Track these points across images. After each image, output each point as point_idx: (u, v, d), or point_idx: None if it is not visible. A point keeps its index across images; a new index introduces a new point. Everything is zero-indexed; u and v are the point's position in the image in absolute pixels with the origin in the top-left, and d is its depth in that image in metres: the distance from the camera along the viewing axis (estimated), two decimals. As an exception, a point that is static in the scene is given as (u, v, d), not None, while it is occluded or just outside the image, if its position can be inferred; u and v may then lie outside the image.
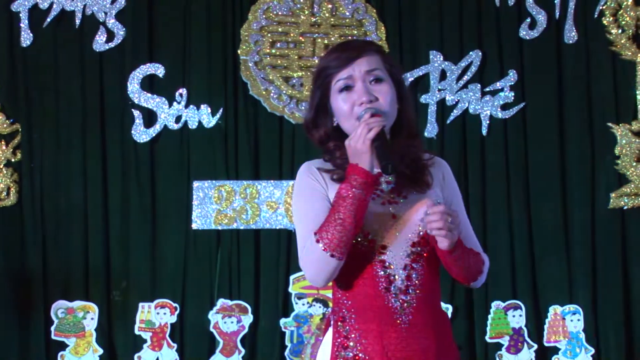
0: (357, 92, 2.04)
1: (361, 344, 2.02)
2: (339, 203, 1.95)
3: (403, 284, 2.02)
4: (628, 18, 5.22)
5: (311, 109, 2.14)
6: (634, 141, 5.17)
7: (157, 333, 5.13)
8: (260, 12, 5.27)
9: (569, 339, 5.12)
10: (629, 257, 5.18)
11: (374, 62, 2.07)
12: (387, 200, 2.06)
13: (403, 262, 2.03)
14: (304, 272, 2.01)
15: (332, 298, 2.11)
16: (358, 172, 1.95)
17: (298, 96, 5.21)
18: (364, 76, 2.04)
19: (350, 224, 1.93)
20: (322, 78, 2.09)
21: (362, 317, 2.03)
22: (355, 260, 2.02)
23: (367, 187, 1.95)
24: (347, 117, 2.04)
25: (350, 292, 2.05)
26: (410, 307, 2.02)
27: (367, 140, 1.94)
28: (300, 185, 2.11)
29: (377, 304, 2.02)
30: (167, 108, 5.22)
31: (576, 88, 5.26)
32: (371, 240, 2.02)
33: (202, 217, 5.18)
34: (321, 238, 1.95)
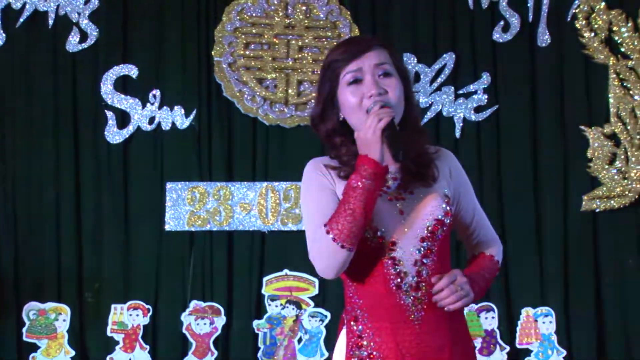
0: (367, 84, 2.04)
1: (375, 342, 2.04)
2: (349, 194, 1.95)
3: (414, 281, 2.03)
4: (600, 22, 5.29)
5: (319, 102, 2.13)
6: (605, 144, 5.23)
7: (130, 335, 5.16)
8: (234, 13, 5.31)
9: (541, 340, 5.18)
10: (600, 259, 5.25)
11: (382, 56, 2.08)
12: (394, 197, 2.08)
13: (413, 258, 2.04)
14: (314, 264, 2.01)
15: (344, 297, 2.12)
16: (368, 162, 1.95)
17: (272, 97, 5.25)
18: (373, 69, 2.05)
19: (361, 214, 1.94)
20: (331, 71, 2.09)
21: (374, 316, 2.05)
22: (366, 258, 2.03)
23: (377, 178, 1.96)
24: (355, 110, 2.05)
25: (362, 291, 2.07)
26: (422, 304, 2.03)
27: (378, 130, 1.95)
28: (309, 181, 2.12)
29: (388, 301, 2.03)
30: (141, 109, 5.25)
31: (549, 91, 5.32)
32: (380, 237, 2.03)
33: (175, 218, 5.21)
34: (331, 229, 1.95)
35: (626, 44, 5.28)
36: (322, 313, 5.18)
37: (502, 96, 5.32)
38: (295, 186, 5.22)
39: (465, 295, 1.98)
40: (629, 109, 5.24)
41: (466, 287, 2.00)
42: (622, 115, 5.24)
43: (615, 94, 5.25)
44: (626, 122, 5.24)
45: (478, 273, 2.11)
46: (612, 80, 5.26)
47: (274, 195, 5.22)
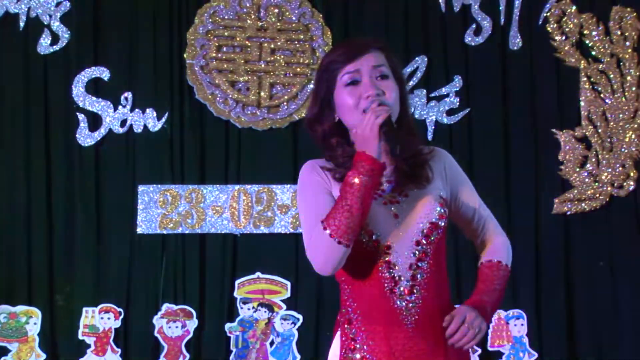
0: (364, 85, 2.07)
1: (368, 346, 2.06)
2: (346, 190, 1.97)
3: (408, 285, 2.06)
4: (572, 25, 5.33)
5: (315, 103, 2.16)
6: (577, 147, 5.27)
7: (101, 338, 5.16)
8: (207, 16, 5.32)
9: (513, 343, 5.21)
10: (571, 262, 5.28)
11: (380, 58, 2.11)
12: (389, 200, 2.10)
13: (408, 261, 2.06)
14: (312, 261, 2.03)
15: (339, 300, 2.14)
16: (365, 159, 1.97)
17: (244, 100, 5.27)
18: (371, 71, 2.08)
19: (358, 211, 1.95)
20: (329, 72, 2.12)
21: (368, 319, 2.07)
22: (361, 261, 2.05)
23: (374, 174, 1.97)
24: (352, 111, 2.07)
25: (356, 294, 2.09)
26: (416, 308, 2.06)
27: (375, 126, 1.97)
28: (305, 181, 2.14)
29: (382, 305, 2.06)
30: (112, 112, 5.26)
31: (521, 94, 5.36)
32: (375, 240, 2.05)
33: (147, 221, 5.21)
34: (329, 225, 1.96)
35: (597, 48, 5.32)
36: (294, 316, 5.19)
37: (474, 99, 5.35)
38: (267, 189, 5.24)
39: (478, 331, 2.00)
40: (600, 112, 5.29)
41: (477, 322, 2.01)
42: (593, 119, 5.29)
43: (586, 97, 5.30)
44: (597, 125, 5.28)
45: (489, 290, 2.16)
46: (583, 83, 5.30)
47: (246, 198, 5.23)
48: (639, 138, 5.28)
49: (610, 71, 5.30)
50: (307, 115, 2.20)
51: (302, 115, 5.32)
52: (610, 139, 5.28)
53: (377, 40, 2.18)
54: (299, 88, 5.30)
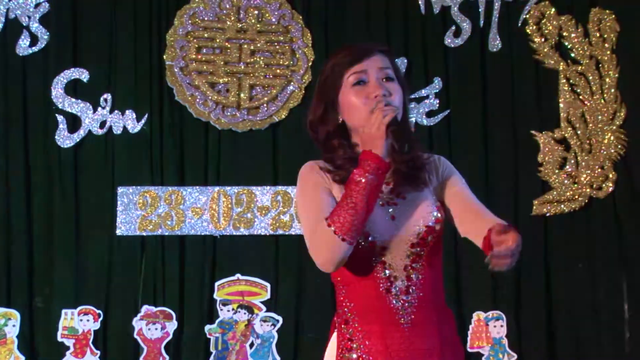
0: (371, 85, 2.10)
1: (365, 345, 2.08)
2: (352, 188, 1.99)
3: (404, 284, 2.09)
4: (551, 27, 5.37)
5: (319, 104, 2.19)
6: (556, 149, 5.31)
7: (80, 340, 5.17)
8: (186, 17, 5.34)
9: (492, 344, 5.23)
10: (551, 263, 5.32)
11: (385, 61, 2.15)
12: (386, 202, 2.13)
13: (403, 262, 2.09)
14: (314, 258, 2.05)
15: (335, 300, 2.18)
16: (371, 157, 2.00)
17: (224, 102, 5.28)
18: (377, 72, 2.12)
19: (363, 209, 1.97)
20: (334, 73, 2.15)
21: (364, 319, 2.09)
22: (356, 262, 2.07)
23: (379, 173, 1.99)
24: (358, 111, 2.10)
25: (352, 294, 2.12)
26: (412, 307, 2.08)
27: (383, 125, 2.00)
28: (306, 180, 2.16)
29: (378, 305, 2.08)
30: (92, 113, 5.27)
31: (500, 96, 5.39)
32: (371, 242, 2.07)
33: (127, 223, 5.23)
34: (333, 222, 1.98)
35: (576, 50, 5.36)
36: (274, 317, 5.21)
37: (454, 101, 5.38)
38: (247, 190, 5.26)
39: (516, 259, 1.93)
40: (579, 114, 5.32)
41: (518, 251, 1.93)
42: (572, 120, 5.32)
43: (565, 99, 5.33)
44: (576, 127, 5.32)
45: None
46: (563, 85, 5.34)
47: (225, 200, 5.25)
48: (617, 140, 5.31)
49: (589, 73, 5.34)
50: (310, 117, 2.23)
51: (282, 116, 5.35)
52: (589, 140, 5.32)
53: (382, 44, 2.24)
54: (279, 90, 5.32)
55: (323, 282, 5.10)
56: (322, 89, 2.19)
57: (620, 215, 5.31)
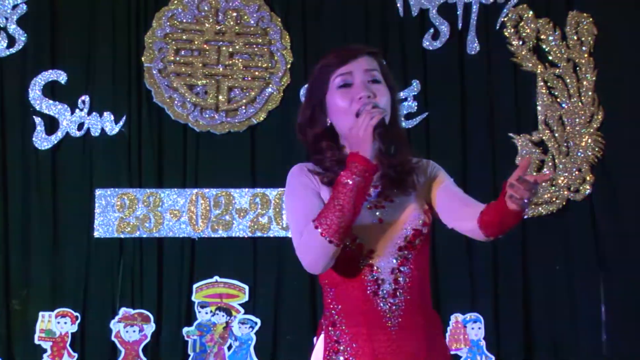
0: (356, 88, 2.10)
1: (351, 348, 2.08)
2: (339, 190, 1.98)
3: (391, 287, 2.08)
4: (528, 30, 5.41)
5: (308, 107, 2.20)
6: (534, 151, 5.34)
7: (58, 342, 5.17)
8: (165, 19, 5.35)
9: (470, 346, 5.26)
10: (528, 265, 5.36)
11: (372, 63, 2.15)
12: (374, 205, 2.13)
13: (391, 266, 2.09)
14: (301, 259, 2.04)
15: (323, 303, 2.18)
16: (359, 159, 1.99)
17: (202, 104, 5.30)
18: (364, 74, 2.12)
19: (350, 211, 1.97)
20: (321, 75, 2.16)
21: (351, 321, 2.10)
22: (344, 264, 2.08)
23: (367, 175, 1.99)
24: (344, 113, 2.10)
25: (340, 297, 2.12)
26: (399, 310, 2.08)
27: (370, 128, 2.00)
28: (295, 182, 2.16)
29: (366, 307, 2.08)
30: (70, 115, 5.28)
31: (478, 98, 5.44)
32: (359, 244, 2.08)
33: (104, 225, 5.23)
34: (320, 224, 1.97)
35: (553, 52, 5.40)
36: (252, 320, 5.23)
37: (432, 103, 5.41)
38: (225, 193, 5.27)
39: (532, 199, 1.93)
40: (557, 117, 5.36)
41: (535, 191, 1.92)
42: (550, 123, 5.36)
43: (543, 102, 5.37)
44: (554, 130, 5.36)
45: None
46: (540, 88, 5.38)
47: (204, 202, 5.26)
48: (595, 142, 5.36)
49: (567, 76, 5.38)
50: (299, 120, 2.22)
51: (260, 118, 5.37)
52: (566, 143, 5.36)
53: (370, 46, 2.23)
54: (257, 92, 5.34)
55: (301, 285, 5.14)
56: (311, 92, 2.21)
57: (597, 218, 5.35)
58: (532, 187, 1.90)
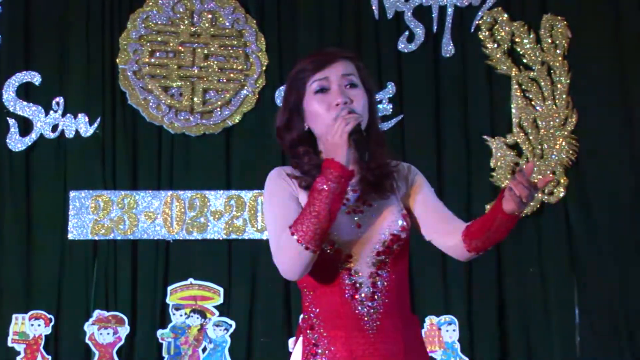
0: (333, 93, 2.12)
1: (329, 351, 2.10)
2: (314, 196, 1.99)
3: (369, 291, 2.10)
4: (503, 33, 5.45)
5: (284, 111, 2.21)
6: (508, 154, 5.37)
7: (31, 345, 5.17)
8: (140, 21, 5.36)
9: (445, 349, 5.28)
10: (502, 268, 5.38)
11: (349, 67, 2.16)
12: (353, 210, 2.14)
13: (369, 270, 2.11)
14: (278, 266, 2.06)
15: (302, 307, 2.20)
16: (334, 166, 2.00)
17: (177, 106, 5.31)
18: (340, 79, 2.13)
19: (325, 217, 1.98)
20: (298, 80, 2.18)
21: (329, 324, 2.11)
22: (322, 268, 2.09)
23: (342, 181, 2.00)
24: (321, 119, 2.12)
25: (318, 300, 2.14)
26: (377, 313, 2.10)
27: (345, 134, 2.00)
28: (272, 187, 2.18)
29: (344, 311, 2.10)
30: (44, 116, 5.28)
31: (453, 101, 5.47)
32: (337, 249, 2.09)
33: (79, 227, 5.24)
34: (296, 231, 1.99)
35: (528, 55, 5.44)
36: (226, 322, 5.24)
37: (407, 106, 5.44)
38: (200, 195, 5.29)
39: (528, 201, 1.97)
40: (531, 120, 5.40)
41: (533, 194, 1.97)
42: (524, 126, 5.40)
43: (517, 105, 5.41)
44: (528, 133, 5.40)
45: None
46: (515, 90, 5.42)
47: (178, 204, 5.27)
48: (569, 145, 5.39)
49: (541, 79, 5.42)
50: (276, 124, 2.24)
51: (235, 121, 5.39)
52: (541, 146, 5.40)
53: (347, 50, 2.24)
54: (233, 94, 5.36)
55: (276, 287, 5.16)
56: (287, 96, 2.22)
57: (571, 221, 5.39)
58: (533, 187, 1.95)
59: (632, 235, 5.36)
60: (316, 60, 2.16)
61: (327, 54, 2.19)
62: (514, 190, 1.96)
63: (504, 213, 2.01)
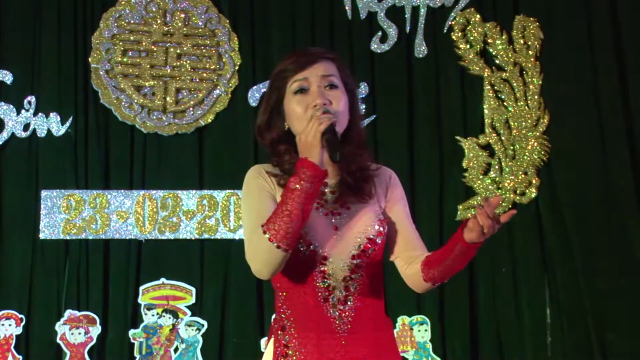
0: (312, 94, 2.14)
1: (300, 352, 2.12)
2: (287, 195, 2.01)
3: (342, 294, 2.13)
4: (476, 34, 5.52)
5: (265, 111, 2.23)
6: (480, 154, 5.44)
7: (2, 345, 5.20)
8: (112, 20, 5.40)
9: (417, 349, 5.34)
10: (474, 268, 5.44)
11: (330, 68, 2.19)
12: (330, 212, 2.18)
13: (343, 273, 2.13)
14: (250, 264, 2.07)
15: (274, 307, 2.22)
16: (307, 165, 2.02)
17: (149, 105, 5.35)
18: (320, 80, 2.15)
19: (298, 217, 2.00)
20: (279, 80, 2.20)
21: (301, 326, 2.14)
22: (296, 270, 2.12)
23: (315, 181, 2.02)
24: (300, 119, 2.13)
25: (290, 302, 2.16)
26: (349, 317, 2.13)
27: (318, 133, 2.03)
28: (249, 185, 2.20)
29: (316, 313, 2.13)
30: (15, 116, 5.32)
31: (426, 101, 5.53)
32: (313, 251, 2.12)
33: (50, 226, 5.27)
34: (268, 229, 2.01)
35: (500, 56, 5.51)
36: (199, 322, 5.28)
37: (380, 106, 5.50)
38: (172, 194, 5.32)
39: (489, 234, 2.06)
40: (503, 120, 5.47)
41: (494, 228, 2.06)
42: (497, 126, 5.47)
43: (490, 105, 5.48)
44: (500, 133, 5.46)
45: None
46: (487, 91, 5.49)
47: (151, 204, 5.31)
48: (541, 146, 5.46)
49: (514, 79, 5.49)
50: (257, 122, 2.27)
51: (208, 120, 5.43)
52: (513, 146, 5.47)
53: (328, 51, 2.27)
54: (205, 93, 5.40)
55: (248, 287, 5.20)
56: (268, 96, 2.24)
57: (542, 221, 5.46)
58: (496, 220, 2.05)
59: (602, 235, 5.43)
60: (297, 61, 2.19)
61: (309, 54, 2.21)
62: (478, 219, 2.02)
63: (464, 242, 2.07)
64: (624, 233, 5.42)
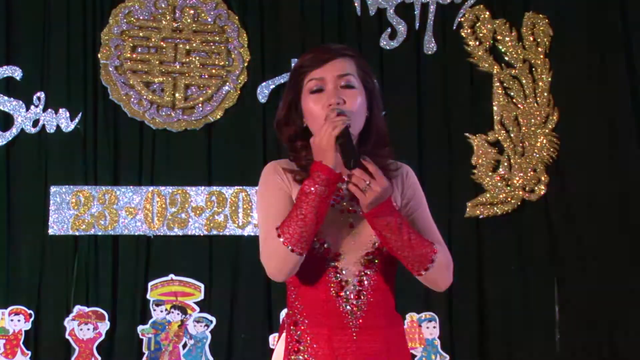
0: (327, 94, 2.13)
1: (312, 348, 2.13)
2: (302, 199, 2.03)
3: (355, 289, 2.14)
4: (485, 30, 5.55)
5: (284, 106, 2.23)
6: (489, 151, 5.47)
7: (11, 340, 5.24)
8: (122, 16, 5.45)
9: (425, 345, 5.37)
10: (483, 265, 5.48)
11: (347, 66, 2.16)
12: (347, 209, 2.17)
13: (356, 269, 2.14)
14: (265, 266, 2.09)
15: (287, 302, 2.23)
16: (322, 169, 2.03)
17: (159, 101, 5.39)
18: (336, 80, 2.14)
19: (312, 220, 2.01)
20: (297, 76, 2.20)
21: (313, 321, 2.15)
22: (309, 265, 2.11)
23: (330, 185, 2.03)
24: (316, 118, 2.13)
25: (303, 297, 2.17)
26: (361, 312, 2.13)
27: (331, 138, 2.02)
28: (266, 183, 2.20)
29: (328, 308, 2.13)
30: (24, 112, 5.36)
31: (435, 98, 5.57)
32: (327, 248, 2.13)
33: (59, 222, 5.31)
34: (282, 233, 2.02)
35: (510, 53, 5.54)
36: (207, 318, 5.32)
37: (389, 103, 5.42)
38: (181, 190, 5.36)
39: (366, 189, 2.02)
40: (512, 117, 5.50)
41: (374, 188, 2.02)
42: (506, 123, 5.50)
43: (499, 102, 5.51)
44: (509, 130, 5.49)
45: (409, 229, 2.10)
46: (496, 88, 5.52)
47: (160, 200, 5.35)
48: (550, 143, 5.49)
49: (523, 76, 5.52)
50: (277, 117, 2.26)
51: (217, 116, 5.47)
52: (522, 143, 5.50)
53: (348, 48, 2.25)
54: (214, 90, 5.44)
55: (257, 284, 5.23)
56: (288, 91, 2.25)
57: (552, 218, 5.49)
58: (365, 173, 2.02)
59: (612, 233, 5.45)
60: (315, 57, 2.18)
61: (327, 51, 2.20)
62: (352, 183, 2.04)
63: (368, 218, 2.08)
64: (633, 230, 5.44)
